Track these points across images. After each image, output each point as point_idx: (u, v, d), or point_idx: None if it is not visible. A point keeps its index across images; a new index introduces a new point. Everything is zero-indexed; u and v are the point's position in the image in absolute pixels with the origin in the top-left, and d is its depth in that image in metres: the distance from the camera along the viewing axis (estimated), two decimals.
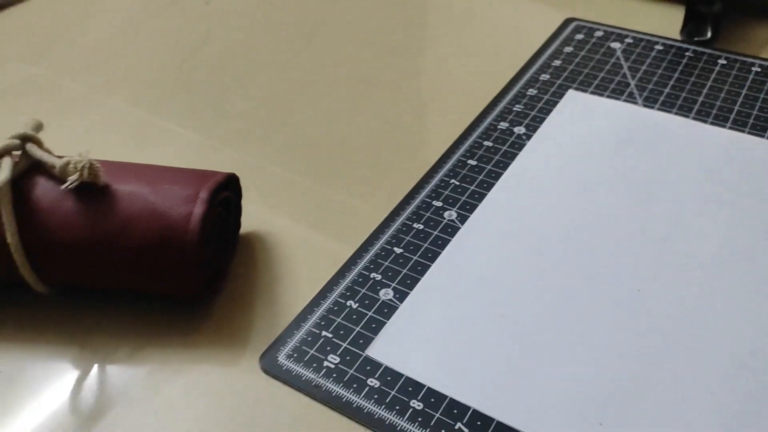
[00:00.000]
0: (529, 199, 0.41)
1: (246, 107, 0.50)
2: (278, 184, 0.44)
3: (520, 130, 0.46)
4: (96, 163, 0.34)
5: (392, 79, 0.52)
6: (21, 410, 0.32)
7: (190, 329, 0.36)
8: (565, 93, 0.49)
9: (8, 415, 0.32)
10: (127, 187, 0.34)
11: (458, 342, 0.34)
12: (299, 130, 0.48)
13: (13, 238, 0.33)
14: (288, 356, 0.34)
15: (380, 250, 0.39)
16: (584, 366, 0.32)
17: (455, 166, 0.44)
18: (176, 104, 0.50)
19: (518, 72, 0.52)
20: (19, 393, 0.33)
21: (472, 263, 0.37)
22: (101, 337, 0.35)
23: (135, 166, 0.36)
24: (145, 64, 0.55)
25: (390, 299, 0.36)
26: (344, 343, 0.34)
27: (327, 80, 0.52)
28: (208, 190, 0.35)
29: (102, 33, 0.59)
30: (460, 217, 0.40)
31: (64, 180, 0.34)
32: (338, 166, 0.45)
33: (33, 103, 0.51)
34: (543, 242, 0.38)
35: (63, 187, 0.34)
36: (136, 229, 0.33)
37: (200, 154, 0.46)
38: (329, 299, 0.36)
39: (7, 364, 0.34)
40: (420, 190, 0.42)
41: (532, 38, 0.55)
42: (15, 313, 0.36)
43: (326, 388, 0.32)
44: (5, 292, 0.37)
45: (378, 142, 0.46)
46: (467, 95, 0.50)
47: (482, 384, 0.32)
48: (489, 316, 0.35)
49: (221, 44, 0.57)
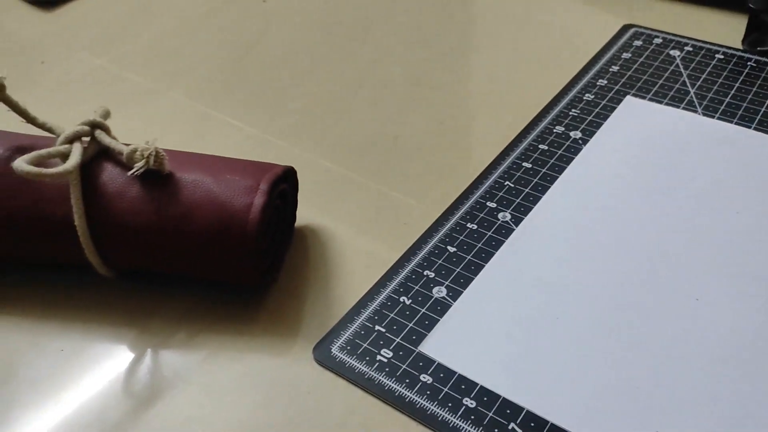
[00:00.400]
0: (585, 204, 0.41)
1: (301, 103, 0.51)
2: (332, 179, 0.44)
3: (576, 134, 0.46)
4: (162, 151, 0.35)
5: (446, 80, 0.52)
6: (80, 389, 0.33)
7: (245, 318, 0.36)
8: (622, 99, 0.49)
9: (67, 394, 0.33)
10: (190, 176, 0.35)
11: (512, 342, 0.34)
12: (353, 128, 0.48)
13: (80, 221, 0.34)
14: (341, 348, 0.34)
15: (434, 249, 0.39)
16: (641, 372, 0.32)
17: (510, 168, 0.44)
18: (234, 99, 0.51)
19: (575, 77, 0.51)
20: (79, 372, 0.34)
21: (527, 265, 0.37)
22: (159, 321, 0.36)
23: (198, 156, 0.37)
24: (204, 59, 0.56)
25: (443, 297, 0.36)
26: (397, 338, 0.34)
27: (381, 79, 0.53)
28: (269, 181, 0.35)
29: (164, 28, 0.60)
30: (515, 218, 0.40)
31: (130, 167, 0.35)
32: (392, 165, 0.45)
33: (96, 94, 0.52)
34: (599, 247, 0.38)
35: (129, 174, 0.34)
36: (198, 217, 0.34)
37: (256, 147, 0.47)
38: (382, 294, 0.36)
39: (69, 344, 0.35)
40: (474, 191, 0.42)
41: (589, 43, 0.55)
42: (78, 295, 0.38)
43: (379, 382, 0.32)
44: (70, 275, 0.38)
45: (432, 141, 0.47)
46: (522, 98, 0.50)
47: (536, 385, 0.32)
48: (544, 318, 0.35)
49: (277, 42, 0.57)
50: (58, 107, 0.51)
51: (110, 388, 0.33)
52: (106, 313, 0.37)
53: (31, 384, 0.34)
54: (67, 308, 0.37)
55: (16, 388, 0.33)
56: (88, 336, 0.36)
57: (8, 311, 0.37)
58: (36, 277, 0.38)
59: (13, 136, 0.37)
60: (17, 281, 0.38)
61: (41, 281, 0.38)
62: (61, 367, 0.34)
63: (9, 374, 0.34)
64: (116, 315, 0.37)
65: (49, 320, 0.36)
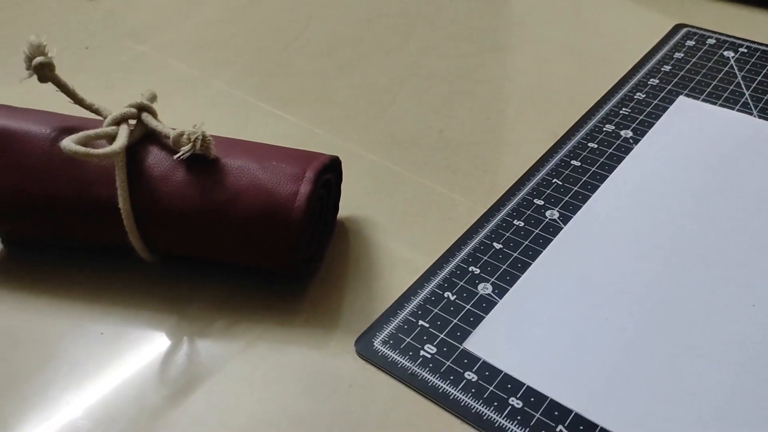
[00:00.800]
0: (636, 205, 0.39)
1: (346, 95, 0.50)
2: (376, 171, 0.43)
3: (627, 133, 0.45)
4: (208, 135, 0.34)
5: (493, 75, 0.51)
6: (118, 373, 0.33)
7: (286, 308, 0.36)
8: (675, 99, 0.47)
9: (105, 377, 0.33)
10: (235, 162, 0.35)
11: (560, 343, 0.33)
12: (398, 121, 0.47)
13: (125, 203, 0.34)
14: (384, 342, 0.33)
15: (479, 245, 0.38)
16: (694, 378, 0.31)
17: (558, 165, 0.42)
18: (277, 88, 0.51)
19: (625, 75, 0.50)
20: (118, 356, 0.34)
21: (576, 264, 0.36)
22: (199, 308, 0.36)
23: (244, 142, 0.37)
24: (247, 48, 0.56)
25: (489, 294, 0.35)
26: (441, 333, 0.33)
27: (426, 73, 0.52)
28: (315, 170, 0.35)
29: (208, 16, 0.60)
30: (563, 217, 0.39)
31: (176, 150, 0.35)
32: (437, 159, 0.44)
33: (138, 81, 0.52)
34: (650, 250, 0.37)
35: (175, 157, 0.34)
36: (243, 203, 0.34)
37: (299, 138, 0.46)
38: (426, 289, 0.36)
39: (109, 328, 0.35)
40: (521, 187, 0.41)
41: (639, 42, 0.54)
42: (120, 279, 0.37)
43: (422, 378, 0.32)
44: (112, 259, 0.38)
45: (478, 136, 0.46)
46: (570, 95, 0.49)
47: (586, 387, 0.31)
48: (593, 319, 0.33)
49: (322, 33, 0.57)
50: (101, 93, 0.51)
51: (148, 373, 0.33)
52: (146, 298, 0.36)
53: (71, 365, 0.33)
54: (109, 292, 0.37)
55: (56, 369, 0.33)
56: (128, 320, 0.35)
57: (52, 293, 0.37)
58: (79, 261, 0.38)
59: (60, 116, 0.37)
60: (61, 264, 0.38)
61: (84, 265, 0.38)
62: (101, 350, 0.34)
63: (50, 354, 0.34)
64: (156, 300, 0.36)
65: (90, 303, 0.36)
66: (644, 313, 0.34)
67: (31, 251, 0.39)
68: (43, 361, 0.34)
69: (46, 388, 0.32)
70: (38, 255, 0.38)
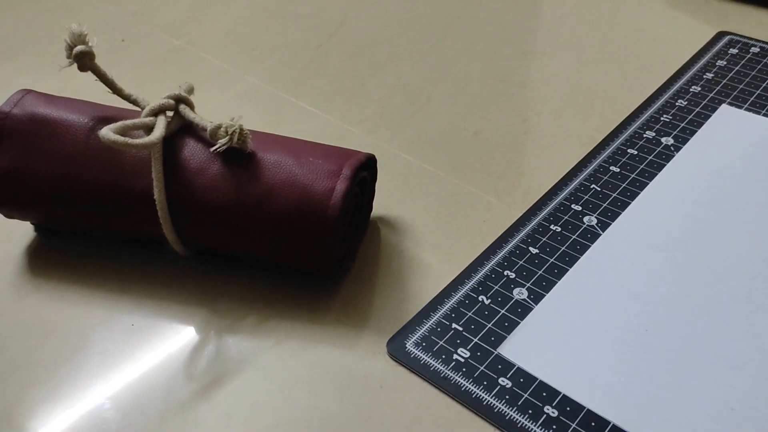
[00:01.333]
0: (678, 214, 0.38)
1: (380, 94, 0.50)
2: (410, 171, 0.43)
3: (668, 140, 0.44)
4: (246, 129, 0.34)
5: (530, 78, 0.50)
6: (147, 365, 0.33)
7: (317, 306, 0.35)
8: (717, 107, 0.46)
9: (135, 368, 0.33)
10: (272, 157, 0.34)
11: (598, 352, 0.32)
12: (432, 121, 0.47)
13: (160, 195, 0.34)
14: (416, 344, 0.33)
15: (515, 248, 0.37)
16: (736, 393, 0.30)
17: (596, 171, 0.42)
18: (311, 86, 0.51)
19: (666, 82, 0.49)
20: (148, 348, 0.34)
21: (615, 272, 0.35)
22: (230, 303, 0.35)
23: (280, 137, 0.36)
24: (282, 45, 0.55)
25: (524, 299, 0.34)
26: (475, 338, 0.33)
27: (461, 74, 0.51)
28: (351, 167, 0.34)
29: (244, 12, 0.60)
30: (601, 223, 0.38)
31: (213, 143, 0.34)
32: (472, 160, 0.43)
33: (173, 74, 0.52)
34: (692, 259, 0.36)
35: (212, 150, 0.34)
36: (278, 198, 0.33)
37: (333, 135, 0.46)
38: (460, 292, 0.35)
39: (140, 319, 0.35)
40: (558, 192, 0.40)
41: (680, 49, 0.53)
42: (152, 272, 0.37)
43: (455, 381, 0.31)
44: (145, 251, 0.38)
45: (514, 139, 0.45)
46: (609, 100, 0.48)
47: (624, 399, 0.30)
48: (632, 329, 0.33)
49: (357, 31, 0.57)
50: (136, 85, 0.51)
51: (178, 366, 0.33)
52: (177, 291, 0.36)
53: (101, 355, 0.33)
54: (140, 284, 0.36)
55: (87, 358, 0.33)
56: (159, 313, 0.35)
57: (84, 283, 0.37)
58: (112, 252, 0.38)
59: (99, 106, 0.37)
60: (94, 254, 0.38)
61: (117, 256, 0.38)
62: (131, 341, 0.34)
63: (81, 343, 0.34)
64: (188, 294, 0.36)
65: (122, 295, 0.36)
66: (686, 325, 0.33)
67: (65, 241, 0.39)
68: (74, 350, 0.33)
69: (76, 377, 0.32)
70: (72, 245, 0.38)
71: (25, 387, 0.32)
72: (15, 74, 0.52)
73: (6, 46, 0.55)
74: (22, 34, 0.57)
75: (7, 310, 0.35)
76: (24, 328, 0.34)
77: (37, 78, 0.52)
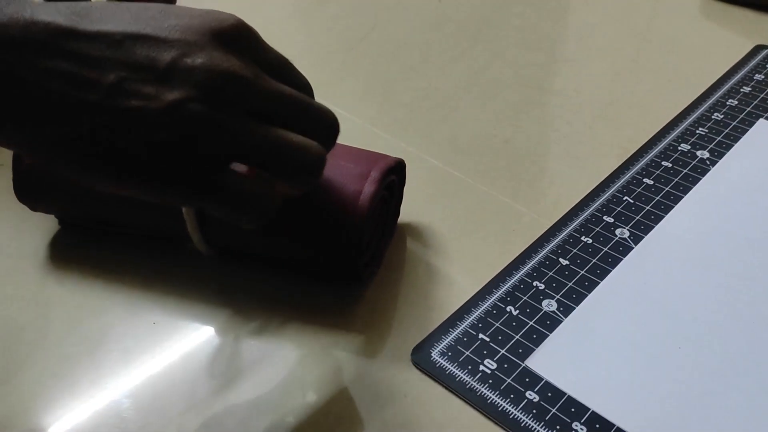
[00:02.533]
0: (712, 229, 0.37)
1: (410, 98, 0.49)
2: (439, 177, 0.42)
3: (704, 154, 0.42)
4: None
5: (562, 86, 0.50)
6: (168, 363, 0.32)
7: (342, 311, 0.35)
8: (754, 122, 0.45)
9: (156, 366, 0.32)
10: None
11: (628, 368, 0.31)
12: (462, 127, 0.46)
13: None
14: (442, 353, 0.32)
15: (544, 259, 0.36)
16: None
17: (629, 183, 0.41)
18: (342, 88, 0.50)
19: (702, 94, 0.48)
20: (169, 346, 0.33)
21: (647, 287, 0.34)
22: (253, 304, 0.35)
23: None
24: (314, 46, 0.55)
25: (553, 311, 0.34)
26: (502, 349, 0.32)
27: (492, 80, 0.50)
28: (380, 170, 0.34)
29: (276, 13, 0.60)
30: (633, 236, 0.37)
31: None
32: (502, 168, 0.43)
33: None
34: (726, 277, 0.35)
35: None
36: (306, 199, 0.33)
37: (362, 138, 0.45)
38: (488, 301, 0.34)
39: (162, 318, 0.34)
40: (590, 203, 0.39)
41: (717, 62, 0.51)
42: (174, 270, 0.37)
43: (481, 393, 0.30)
44: (169, 250, 0.38)
45: (545, 147, 0.44)
46: (643, 111, 0.47)
47: (654, 418, 0.29)
48: (665, 346, 0.32)
49: (388, 35, 0.56)
50: None
51: (198, 367, 0.32)
52: (200, 291, 0.36)
53: (123, 352, 0.33)
54: (163, 282, 0.36)
55: (108, 354, 0.33)
56: (181, 312, 0.35)
57: (108, 279, 0.36)
58: (135, 249, 0.38)
59: None
60: (117, 252, 0.38)
61: (140, 254, 0.38)
62: (152, 339, 0.33)
63: (102, 340, 0.33)
64: (210, 294, 0.36)
65: (145, 293, 0.36)
66: (721, 344, 0.32)
67: (89, 236, 0.38)
68: (95, 347, 0.33)
69: (96, 373, 0.32)
70: (96, 241, 0.38)
71: (44, 380, 0.32)
72: None
73: None
74: None
75: (29, 303, 0.35)
76: (46, 322, 0.34)
77: None
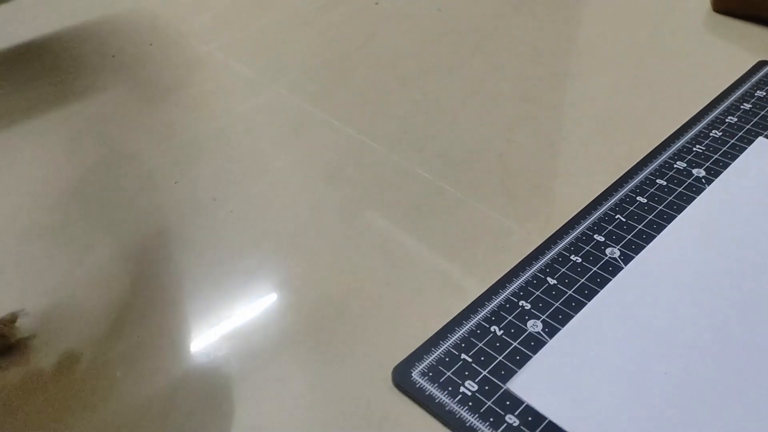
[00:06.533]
0: (706, 250, 0.37)
1: (404, 110, 0.49)
2: (429, 191, 0.42)
3: (700, 172, 0.42)
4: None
5: (559, 101, 0.49)
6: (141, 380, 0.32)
7: (322, 329, 0.34)
8: (753, 140, 0.44)
9: (127, 385, 0.32)
10: None
11: (613, 394, 0.30)
12: (456, 141, 0.46)
13: None
14: (422, 374, 0.31)
15: (532, 278, 0.36)
16: None
17: (622, 200, 0.40)
18: (336, 98, 0.50)
19: (700, 111, 0.47)
20: (155, 356, 0.33)
21: (636, 309, 0.34)
22: (230, 320, 0.35)
23: None
24: (310, 55, 0.55)
25: (538, 332, 0.33)
26: (484, 370, 0.31)
27: (489, 94, 0.50)
28: None
29: (273, 21, 0.59)
30: (624, 256, 0.37)
31: None
32: (494, 183, 0.42)
33: (199, 80, 0.52)
34: (719, 302, 0.34)
35: None
36: None
37: (354, 149, 0.45)
38: (472, 321, 0.34)
39: (144, 330, 0.34)
40: (581, 221, 0.39)
41: (718, 77, 0.51)
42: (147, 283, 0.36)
43: (460, 416, 0.30)
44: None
45: (538, 164, 0.44)
46: (640, 128, 0.46)
47: None
48: (652, 372, 0.31)
49: (386, 45, 0.56)
50: (162, 90, 0.51)
51: (175, 386, 0.32)
52: (180, 301, 0.35)
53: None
54: (141, 298, 0.36)
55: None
56: (167, 322, 0.34)
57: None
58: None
59: None
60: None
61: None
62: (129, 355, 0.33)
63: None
64: (191, 306, 0.35)
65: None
66: (712, 372, 0.31)
67: None
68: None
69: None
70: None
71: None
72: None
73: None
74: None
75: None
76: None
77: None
